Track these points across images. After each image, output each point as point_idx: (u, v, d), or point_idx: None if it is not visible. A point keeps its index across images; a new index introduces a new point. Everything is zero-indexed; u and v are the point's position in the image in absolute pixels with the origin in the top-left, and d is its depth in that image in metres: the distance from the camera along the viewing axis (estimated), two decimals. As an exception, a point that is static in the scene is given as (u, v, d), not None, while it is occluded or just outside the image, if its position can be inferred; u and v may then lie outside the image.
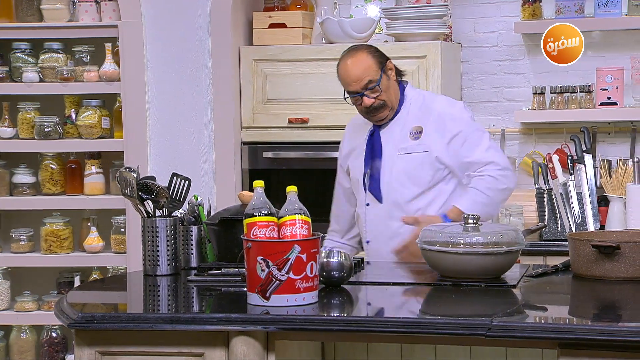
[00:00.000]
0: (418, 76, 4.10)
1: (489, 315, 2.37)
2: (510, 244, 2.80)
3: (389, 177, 3.26)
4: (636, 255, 2.71)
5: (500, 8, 4.43)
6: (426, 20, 4.13)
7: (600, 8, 4.16)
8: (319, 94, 4.21)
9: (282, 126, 4.27)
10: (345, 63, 3.23)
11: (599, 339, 2.24)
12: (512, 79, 4.46)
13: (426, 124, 3.25)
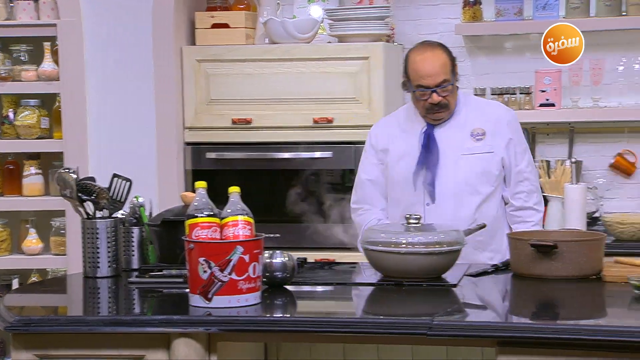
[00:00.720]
0: (361, 77, 4.12)
1: (430, 315, 2.39)
2: (452, 244, 2.82)
3: (453, 177, 3.23)
4: (573, 254, 2.75)
5: (441, 10, 4.48)
6: (368, 21, 4.15)
7: (538, 11, 4.23)
8: (263, 94, 4.20)
9: (226, 127, 4.25)
10: (423, 56, 3.21)
11: (536, 337, 2.28)
12: (454, 80, 4.50)
13: (486, 127, 3.27)
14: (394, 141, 3.32)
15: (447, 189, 3.22)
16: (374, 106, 4.13)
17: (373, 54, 4.11)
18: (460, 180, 3.22)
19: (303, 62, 4.16)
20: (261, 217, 4.14)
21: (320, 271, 3.04)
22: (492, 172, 3.25)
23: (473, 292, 2.76)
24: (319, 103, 4.17)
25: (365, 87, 4.12)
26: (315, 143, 4.18)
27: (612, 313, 2.54)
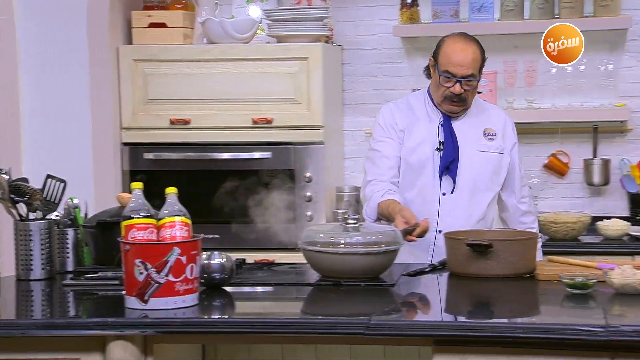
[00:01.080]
0: (300, 78, 4.12)
1: (367, 314, 2.40)
2: (390, 244, 2.84)
3: (470, 171, 3.24)
4: (508, 253, 2.80)
5: (379, 11, 4.51)
6: (307, 22, 4.16)
7: (474, 13, 4.29)
8: (202, 94, 4.18)
9: (164, 127, 4.21)
10: (459, 45, 3.19)
11: (472, 336, 2.30)
12: (392, 81, 4.54)
13: (496, 128, 3.30)
14: (412, 125, 3.29)
15: (464, 182, 3.23)
16: (313, 106, 4.14)
17: (312, 55, 4.11)
18: (476, 175, 3.25)
19: (242, 62, 4.15)
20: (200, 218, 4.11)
21: (259, 272, 3.03)
22: (500, 173, 3.29)
23: (410, 292, 2.78)
24: (258, 103, 4.16)
25: (305, 88, 4.12)
26: (255, 143, 4.17)
27: (546, 311, 2.58)
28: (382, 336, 2.33)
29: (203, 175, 4.22)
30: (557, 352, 2.28)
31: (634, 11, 4.26)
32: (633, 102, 4.32)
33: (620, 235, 4.06)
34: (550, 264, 2.93)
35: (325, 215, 4.19)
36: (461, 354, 2.32)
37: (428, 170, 3.25)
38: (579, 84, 4.30)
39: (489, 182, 3.27)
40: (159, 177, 4.16)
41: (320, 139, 4.16)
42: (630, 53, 4.31)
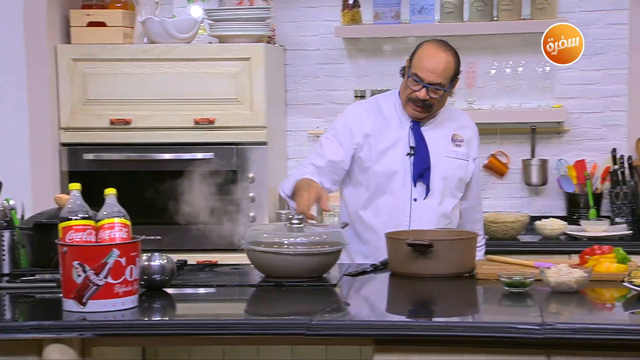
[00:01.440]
0: (242, 78, 4.11)
1: (309, 315, 2.40)
2: (333, 244, 2.85)
3: (440, 177, 3.22)
4: (448, 253, 2.83)
5: (321, 12, 4.52)
6: (249, 22, 4.15)
7: (414, 14, 4.32)
8: (143, 94, 4.14)
9: (104, 127, 4.16)
10: (435, 50, 3.17)
11: (412, 335, 2.32)
12: (334, 82, 4.56)
13: (463, 135, 3.30)
14: (381, 128, 3.25)
15: (435, 188, 3.22)
16: (256, 107, 4.13)
17: (254, 55, 4.11)
18: (445, 180, 3.24)
19: (183, 62, 4.12)
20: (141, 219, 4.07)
21: (201, 273, 3.02)
22: (465, 179, 3.30)
23: (352, 292, 2.79)
24: (200, 104, 4.14)
25: (247, 88, 4.11)
26: (197, 144, 4.15)
27: (484, 310, 2.62)
28: (323, 336, 2.33)
29: (144, 176, 4.18)
30: (495, 351, 2.31)
31: (570, 14, 4.34)
32: (569, 104, 4.41)
33: (557, 234, 4.14)
34: (489, 263, 2.97)
35: (268, 216, 4.19)
36: (402, 354, 2.33)
37: (399, 175, 3.21)
38: (517, 86, 4.37)
39: (454, 189, 3.27)
40: (99, 178, 4.11)
41: (262, 140, 4.15)
42: (567, 55, 4.39)
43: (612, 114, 4.40)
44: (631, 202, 4.24)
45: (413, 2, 4.31)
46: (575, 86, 4.40)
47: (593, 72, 4.38)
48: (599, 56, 4.37)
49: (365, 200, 3.26)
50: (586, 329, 2.25)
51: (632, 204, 4.24)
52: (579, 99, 4.41)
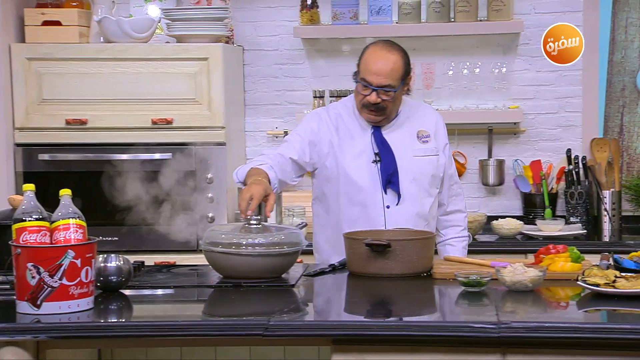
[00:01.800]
0: (201, 78, 4.09)
1: (267, 315, 2.40)
2: (292, 245, 2.85)
3: (410, 179, 3.15)
4: (406, 252, 2.84)
5: (279, 12, 4.52)
6: (207, 22, 4.13)
7: (373, 15, 4.34)
8: (99, 94, 4.10)
9: (60, 127, 4.12)
10: (380, 52, 3.10)
11: (369, 335, 2.33)
12: (293, 82, 4.56)
13: (429, 129, 3.23)
14: (344, 136, 3.17)
15: (407, 192, 3.14)
16: (214, 107, 4.11)
17: (212, 55, 4.09)
18: (416, 182, 3.17)
19: (140, 62, 4.09)
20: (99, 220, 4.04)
21: (159, 274, 3.00)
22: (438, 174, 3.23)
23: (310, 292, 2.79)
24: (158, 104, 4.11)
25: (205, 88, 4.10)
26: (154, 144, 4.12)
27: (441, 309, 2.63)
28: (280, 336, 2.33)
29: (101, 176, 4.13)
30: (452, 350, 2.33)
31: (525, 15, 4.39)
32: (525, 105, 4.45)
33: (514, 234, 4.18)
34: (446, 262, 2.99)
35: (227, 216, 4.18)
36: (359, 353, 2.34)
37: (368, 183, 3.14)
38: (474, 87, 4.41)
39: (428, 187, 3.20)
40: (54, 179, 4.06)
41: (221, 140, 4.14)
42: (522, 56, 4.44)
43: (567, 115, 4.46)
44: (585, 202, 4.30)
45: (371, 3, 4.32)
46: (531, 87, 4.45)
47: (548, 74, 4.43)
48: (554, 58, 4.43)
49: (338, 213, 3.18)
50: (540, 327, 2.28)
51: (586, 203, 4.30)
52: (534, 100, 4.46)
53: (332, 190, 3.19)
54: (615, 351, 2.28)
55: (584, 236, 4.15)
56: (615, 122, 4.44)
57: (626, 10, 4.38)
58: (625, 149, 4.43)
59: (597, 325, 2.30)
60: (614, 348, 2.28)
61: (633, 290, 2.48)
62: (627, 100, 4.42)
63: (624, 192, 4.36)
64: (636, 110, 4.42)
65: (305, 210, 4.28)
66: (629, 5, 4.37)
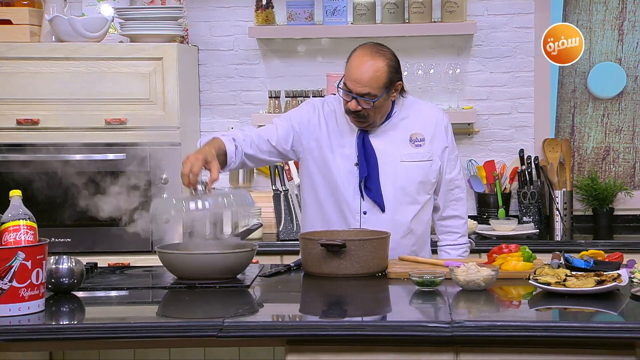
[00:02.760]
0: (155, 78, 4.06)
1: (221, 316, 2.39)
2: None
3: (392, 186, 3.05)
4: (361, 252, 2.85)
5: (234, 12, 4.50)
6: (161, 21, 4.10)
7: (328, 16, 4.35)
8: (51, 94, 4.06)
9: (10, 127, 4.06)
10: (361, 59, 2.95)
11: (323, 335, 2.34)
12: (249, 82, 4.55)
13: (425, 132, 3.10)
14: (332, 134, 3.08)
15: (386, 199, 3.05)
16: (169, 107, 4.09)
17: (166, 55, 4.06)
18: (399, 189, 3.06)
19: (93, 61, 4.05)
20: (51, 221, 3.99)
21: (112, 276, 2.98)
22: (429, 180, 3.11)
23: (265, 292, 2.79)
24: (111, 104, 4.07)
25: (160, 88, 4.07)
26: (108, 144, 4.08)
27: (396, 309, 2.65)
28: (235, 337, 2.33)
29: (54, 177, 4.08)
30: (405, 349, 2.35)
31: (479, 17, 4.44)
32: (479, 105, 4.50)
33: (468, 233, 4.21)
34: (401, 262, 3.01)
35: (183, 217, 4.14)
36: (314, 353, 2.34)
37: (348, 186, 3.06)
38: (429, 87, 4.43)
39: (414, 194, 3.09)
40: (5, 180, 4.00)
41: (176, 140, 4.11)
42: (476, 58, 4.48)
43: (520, 116, 4.51)
44: (538, 201, 4.36)
45: (326, 4, 4.33)
46: (484, 88, 4.50)
47: (501, 75, 4.48)
48: (506, 59, 4.47)
49: (318, 215, 3.14)
50: (493, 326, 2.30)
51: (538, 203, 4.36)
52: (487, 101, 4.51)
53: (314, 185, 3.12)
54: (566, 349, 2.32)
55: (536, 235, 4.21)
56: (566, 123, 4.50)
57: (577, 12, 4.45)
58: (576, 149, 4.50)
59: (547, 324, 2.33)
60: (564, 346, 2.32)
61: (583, 289, 2.52)
62: (578, 102, 4.49)
63: (575, 192, 4.43)
64: (587, 111, 4.49)
65: (261, 211, 4.27)
66: (580, 7, 4.44)
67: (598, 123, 4.48)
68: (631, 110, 4.47)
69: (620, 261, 2.82)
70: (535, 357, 2.32)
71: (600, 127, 4.48)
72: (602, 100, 4.48)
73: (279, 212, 4.25)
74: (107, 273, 3.02)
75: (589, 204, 4.43)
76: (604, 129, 4.48)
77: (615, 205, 4.43)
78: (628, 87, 4.45)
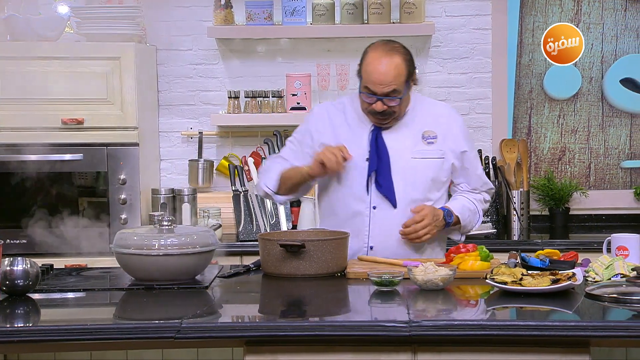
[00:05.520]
0: (112, 78, 4.03)
1: (179, 318, 2.38)
2: (205, 245, 2.84)
3: (403, 182, 3.06)
4: (320, 252, 2.86)
5: (193, 12, 4.48)
6: (118, 21, 4.07)
7: (287, 16, 4.35)
8: (7, 93, 4.03)
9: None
10: (379, 60, 2.97)
11: (282, 336, 2.34)
12: (208, 82, 4.53)
13: (438, 130, 3.10)
14: (342, 131, 3.11)
15: (397, 194, 3.06)
16: (127, 107, 4.07)
17: (124, 55, 4.03)
18: (410, 185, 3.08)
19: (50, 60, 4.01)
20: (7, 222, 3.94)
21: (69, 277, 2.95)
22: (440, 178, 3.12)
23: (224, 293, 2.78)
24: (68, 104, 4.04)
25: (117, 88, 4.04)
26: (65, 145, 4.05)
27: (355, 309, 2.65)
28: (193, 339, 2.32)
29: (9, 178, 4.04)
30: (364, 349, 2.36)
31: (437, 18, 4.47)
32: (438, 106, 4.52)
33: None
34: (360, 262, 3.02)
35: (141, 218, 4.12)
36: (272, 354, 2.34)
37: (358, 181, 3.07)
38: (388, 88, 4.45)
39: (426, 192, 3.10)
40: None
41: (134, 140, 4.09)
42: (434, 58, 4.51)
43: (477, 116, 4.55)
44: (495, 201, 4.40)
45: (285, 4, 4.33)
46: (443, 89, 4.53)
47: (459, 76, 4.52)
48: (464, 60, 4.51)
49: (327, 208, 3.16)
50: (450, 325, 2.32)
51: (496, 203, 4.40)
52: (446, 102, 4.52)
53: (324, 181, 3.15)
54: (522, 347, 2.35)
55: (494, 235, 4.25)
56: (523, 124, 4.56)
57: (533, 14, 4.50)
58: (533, 149, 4.55)
59: (503, 323, 2.36)
60: (520, 344, 2.34)
61: (538, 288, 2.55)
62: (534, 102, 4.54)
63: (532, 191, 4.48)
64: (543, 112, 4.55)
65: (220, 212, 4.26)
66: (536, 9, 4.50)
67: (554, 124, 4.54)
68: (586, 111, 4.53)
69: (575, 260, 2.86)
70: (492, 356, 2.35)
71: (556, 128, 4.54)
72: (558, 101, 4.54)
73: (238, 212, 4.24)
74: (63, 275, 2.99)
75: (545, 204, 4.49)
76: (559, 129, 4.54)
77: (571, 205, 4.48)
78: (583, 88, 4.51)
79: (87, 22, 4.07)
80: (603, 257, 2.82)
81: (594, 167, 4.55)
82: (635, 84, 4.49)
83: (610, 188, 4.54)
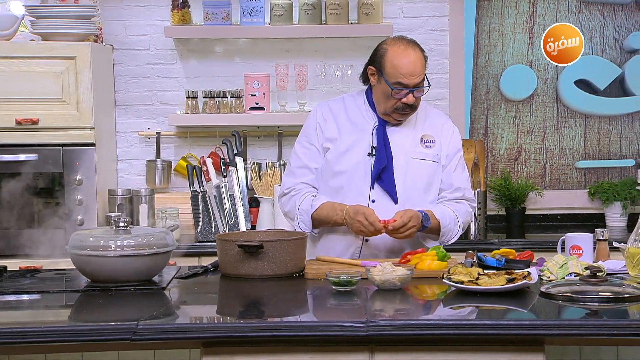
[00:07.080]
0: (68, 77, 4.00)
1: (135, 319, 2.36)
2: (161, 246, 2.82)
3: (403, 180, 3.12)
4: (278, 253, 2.85)
5: (150, 12, 4.45)
6: (74, 20, 4.04)
7: (245, 16, 4.34)
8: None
9: None
10: (405, 53, 3.07)
11: (240, 337, 2.33)
12: (165, 82, 4.50)
13: (436, 137, 3.19)
14: (344, 128, 3.17)
15: (399, 191, 3.12)
16: (83, 107, 4.03)
17: (80, 54, 4.00)
18: (410, 182, 3.14)
19: (3, 60, 3.97)
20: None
21: (23, 279, 2.91)
22: (435, 182, 3.19)
23: (182, 295, 2.76)
24: (23, 103, 4.00)
25: (73, 88, 4.00)
26: (19, 145, 4.00)
27: (312, 309, 2.65)
28: (149, 340, 2.30)
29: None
30: (322, 349, 2.36)
31: (395, 19, 4.49)
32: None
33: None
34: (318, 262, 3.03)
35: (97, 219, 4.09)
36: (230, 355, 2.34)
37: (359, 175, 3.13)
38: (346, 88, 4.45)
39: (422, 194, 3.16)
40: None
41: (90, 141, 4.06)
42: (393, 60, 4.53)
43: (435, 117, 4.57)
44: (453, 201, 4.43)
45: (243, 4, 4.32)
46: (401, 89, 4.55)
47: (417, 76, 4.54)
48: (423, 61, 4.53)
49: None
50: (407, 325, 2.33)
51: (454, 203, 4.43)
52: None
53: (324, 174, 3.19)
54: (478, 346, 2.36)
55: (451, 235, 4.27)
56: (480, 124, 4.60)
57: (489, 16, 4.55)
58: (489, 150, 4.60)
59: (460, 322, 2.37)
60: (477, 343, 2.36)
61: (494, 287, 2.57)
62: (491, 103, 4.59)
63: (489, 191, 4.52)
64: (499, 113, 4.60)
65: (178, 212, 4.24)
66: (492, 11, 4.54)
67: (510, 124, 4.59)
68: (542, 112, 4.59)
69: (530, 259, 2.90)
70: (449, 355, 2.36)
71: (513, 129, 4.59)
72: (514, 102, 4.59)
73: (197, 213, 4.22)
74: (17, 277, 2.95)
75: (502, 204, 4.53)
76: (516, 130, 4.59)
77: (527, 204, 4.54)
78: (539, 89, 4.57)
79: (42, 20, 4.03)
80: (558, 256, 2.85)
81: (549, 168, 4.61)
82: (590, 85, 4.55)
83: (565, 188, 4.60)
